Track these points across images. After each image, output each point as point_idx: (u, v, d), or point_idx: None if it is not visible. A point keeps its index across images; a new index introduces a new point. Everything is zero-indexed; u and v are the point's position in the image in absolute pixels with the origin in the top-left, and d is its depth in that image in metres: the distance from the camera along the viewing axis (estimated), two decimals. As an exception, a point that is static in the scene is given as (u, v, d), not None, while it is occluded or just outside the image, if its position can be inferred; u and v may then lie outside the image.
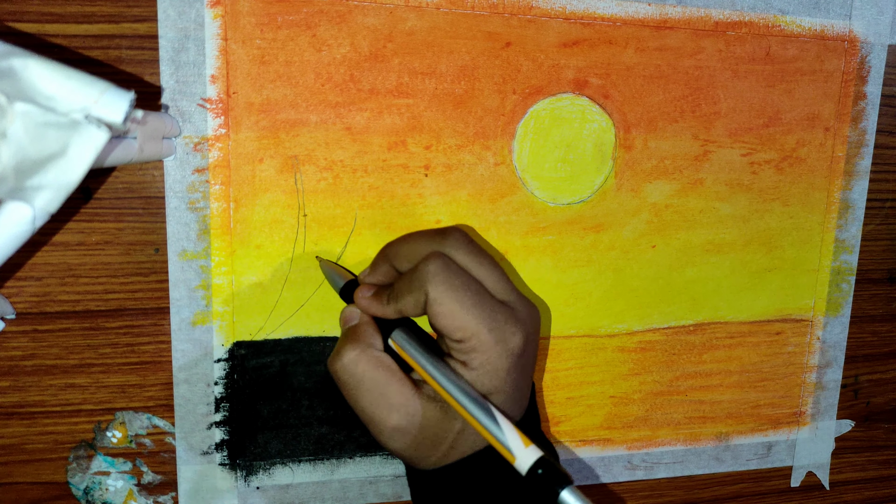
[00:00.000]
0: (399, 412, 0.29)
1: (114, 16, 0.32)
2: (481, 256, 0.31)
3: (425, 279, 0.29)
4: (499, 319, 0.29)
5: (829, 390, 0.46)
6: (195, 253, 0.34)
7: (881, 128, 0.43)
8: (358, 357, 0.30)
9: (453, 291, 0.29)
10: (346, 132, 0.35)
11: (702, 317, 0.42)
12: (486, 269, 0.30)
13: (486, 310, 0.29)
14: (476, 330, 0.29)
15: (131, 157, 0.28)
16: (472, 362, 0.29)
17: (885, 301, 0.46)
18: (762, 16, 0.39)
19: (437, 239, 0.31)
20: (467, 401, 0.28)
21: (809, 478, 0.47)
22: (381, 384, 0.30)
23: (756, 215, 0.42)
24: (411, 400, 0.30)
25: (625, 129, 0.38)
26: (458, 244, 0.30)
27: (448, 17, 0.35)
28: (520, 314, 0.30)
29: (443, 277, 0.29)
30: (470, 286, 0.29)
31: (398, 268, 0.32)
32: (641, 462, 0.43)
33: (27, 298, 0.33)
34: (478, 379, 0.29)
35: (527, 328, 0.30)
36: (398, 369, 0.30)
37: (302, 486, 0.38)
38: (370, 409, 0.30)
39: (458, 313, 0.28)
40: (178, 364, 0.35)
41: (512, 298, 0.31)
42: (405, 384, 0.30)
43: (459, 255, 0.30)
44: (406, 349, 0.30)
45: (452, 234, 0.31)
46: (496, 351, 0.29)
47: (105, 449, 0.36)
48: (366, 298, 0.32)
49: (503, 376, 0.29)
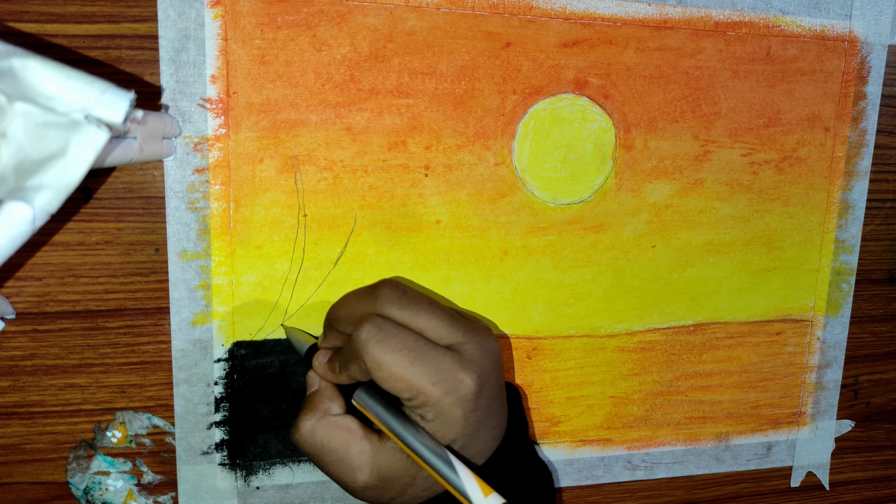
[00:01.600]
0: (363, 471, 0.30)
1: (114, 16, 0.32)
2: (417, 305, 0.30)
3: (359, 347, 0.29)
4: (443, 369, 0.29)
5: (829, 390, 0.46)
6: (195, 253, 0.34)
7: (881, 128, 0.43)
8: (314, 426, 0.30)
9: (389, 354, 0.28)
10: (346, 132, 0.35)
11: (702, 317, 0.42)
12: (425, 317, 0.30)
13: (427, 363, 0.28)
14: (420, 386, 0.28)
15: (131, 157, 0.28)
16: (426, 415, 0.29)
17: (885, 301, 0.46)
18: (762, 16, 0.39)
19: (368, 298, 0.30)
20: (428, 454, 0.29)
21: (809, 478, 0.47)
22: (341, 449, 0.30)
23: (756, 215, 0.42)
24: (374, 456, 0.30)
25: (625, 130, 0.38)
26: (389, 299, 0.30)
27: (448, 17, 0.35)
28: (468, 355, 0.30)
29: (375, 342, 0.28)
30: (406, 343, 0.29)
31: (342, 332, 0.32)
32: (641, 462, 0.43)
33: (27, 298, 0.33)
34: (437, 430, 0.29)
35: (479, 368, 0.30)
36: (357, 428, 0.31)
37: (302, 486, 0.38)
38: (336, 473, 0.30)
39: (399, 374, 0.28)
40: (178, 364, 0.35)
41: (458, 339, 0.30)
42: (366, 442, 0.30)
43: (394, 311, 0.30)
44: (368, 408, 0.31)
45: (382, 291, 0.30)
46: (447, 402, 0.29)
47: (105, 449, 0.36)
48: (322, 366, 0.32)
49: (461, 423, 0.29)
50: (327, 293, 0.36)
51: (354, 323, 0.30)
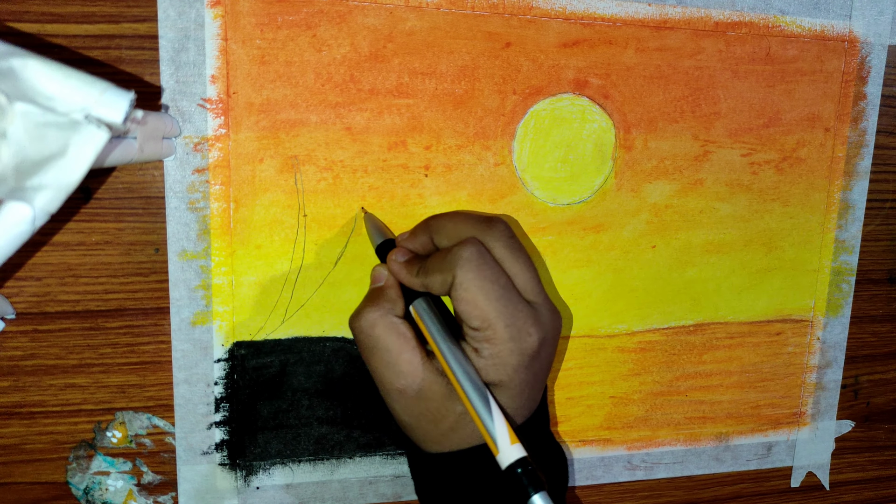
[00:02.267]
0: (407, 378, 0.30)
1: (114, 16, 0.32)
2: (518, 252, 0.31)
3: (456, 262, 0.29)
4: (518, 317, 0.29)
5: (829, 390, 0.45)
6: (195, 253, 0.34)
7: (881, 128, 0.43)
8: (375, 320, 0.31)
9: (480, 280, 0.29)
10: (346, 132, 0.35)
11: (702, 317, 0.42)
12: (520, 266, 0.31)
13: (508, 305, 0.29)
14: (493, 322, 0.29)
15: (131, 157, 0.28)
16: (483, 351, 0.30)
17: (885, 301, 0.46)
18: (762, 16, 0.39)
19: (480, 226, 0.31)
20: (469, 385, 0.29)
21: (809, 478, 0.47)
22: (393, 350, 0.30)
23: (756, 215, 0.42)
24: (419, 370, 0.30)
25: (625, 130, 0.38)
26: (499, 235, 0.31)
27: (448, 17, 0.35)
28: (542, 317, 0.31)
29: (474, 265, 0.29)
30: (499, 279, 0.30)
31: (437, 242, 0.32)
32: (641, 462, 0.43)
33: (27, 298, 0.33)
34: (485, 368, 0.30)
35: (545, 331, 0.30)
36: (412, 337, 0.31)
37: (302, 486, 0.38)
38: (380, 369, 0.31)
39: (480, 302, 0.29)
40: (178, 364, 0.35)
41: (539, 300, 0.31)
42: (416, 354, 0.30)
43: (497, 247, 0.31)
44: (424, 321, 0.31)
45: (496, 225, 0.31)
46: (508, 347, 0.29)
47: (105, 449, 0.36)
48: (397, 263, 0.32)
49: (510, 372, 0.30)
50: (327, 293, 0.36)
51: (456, 240, 0.31)
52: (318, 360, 0.37)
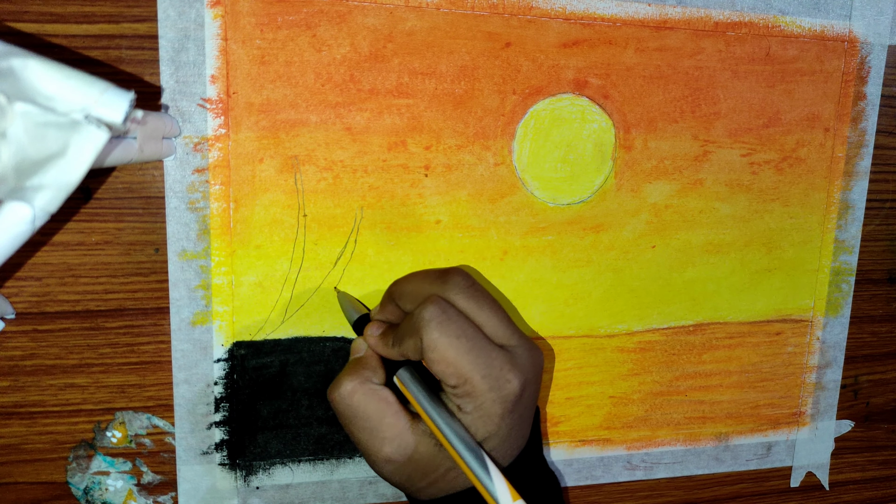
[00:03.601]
0: (391, 444, 0.30)
1: (114, 16, 0.32)
2: (482, 300, 0.31)
3: (420, 325, 0.29)
4: (494, 366, 0.29)
5: (829, 390, 0.46)
6: (195, 253, 0.34)
7: (881, 128, 0.43)
8: (354, 388, 0.31)
9: (447, 338, 0.29)
10: (346, 132, 0.35)
11: (701, 317, 0.42)
12: (487, 313, 0.30)
13: (481, 356, 0.29)
14: (469, 376, 0.29)
15: (131, 157, 0.28)
16: (465, 407, 0.29)
17: (885, 301, 0.46)
18: (762, 16, 0.39)
19: (437, 281, 0.31)
20: (461, 447, 0.29)
21: (809, 478, 0.47)
22: (375, 417, 0.30)
23: (756, 215, 0.42)
24: (404, 433, 0.30)
25: (625, 130, 0.38)
26: (458, 287, 0.31)
27: (448, 17, 0.35)
28: (518, 359, 0.30)
29: (437, 323, 0.29)
30: (466, 332, 0.29)
31: (402, 308, 0.32)
32: (641, 462, 0.43)
33: (27, 298, 0.33)
34: (472, 424, 0.30)
35: (524, 374, 0.30)
36: (394, 402, 0.31)
37: (302, 486, 0.38)
38: (364, 439, 0.31)
39: (452, 359, 0.29)
40: (177, 364, 0.35)
41: (513, 343, 0.31)
42: (399, 417, 0.30)
43: (459, 299, 0.30)
44: (409, 389, 0.31)
45: (453, 278, 0.31)
46: (489, 397, 0.29)
47: (105, 449, 0.36)
48: (373, 337, 0.32)
49: (497, 422, 0.30)
50: (327, 293, 0.36)
51: (418, 301, 0.31)
52: (318, 360, 0.37)
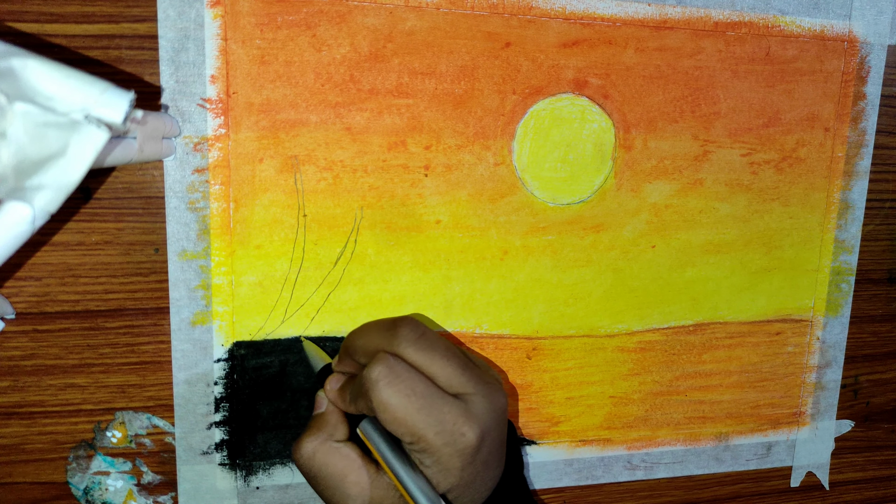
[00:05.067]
0: (355, 501, 0.30)
1: (114, 16, 0.32)
2: (432, 350, 0.30)
3: (368, 386, 0.29)
4: (447, 421, 0.29)
5: (829, 390, 0.46)
6: (195, 253, 0.34)
7: (881, 128, 0.43)
8: (315, 448, 0.31)
9: (397, 398, 0.28)
10: (346, 132, 0.35)
11: (701, 317, 0.42)
12: (439, 363, 0.30)
13: (432, 413, 0.29)
14: (422, 434, 0.28)
15: (131, 157, 0.28)
16: (425, 461, 0.29)
17: (885, 301, 0.46)
18: (762, 16, 0.39)
19: (386, 335, 0.30)
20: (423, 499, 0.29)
21: (809, 478, 0.47)
22: (338, 475, 0.30)
23: (756, 215, 0.42)
24: (367, 489, 0.30)
25: (625, 130, 0.38)
26: (407, 340, 0.30)
27: (448, 17, 0.35)
28: (474, 408, 0.30)
29: (385, 383, 0.28)
30: (416, 389, 0.29)
31: (357, 362, 0.32)
32: (641, 462, 0.43)
33: (27, 298, 0.33)
34: (433, 476, 0.29)
35: (482, 422, 0.30)
36: (357, 458, 0.31)
37: (302, 486, 0.38)
38: (329, 497, 0.31)
39: (402, 419, 0.28)
40: (177, 364, 0.35)
41: (468, 390, 0.30)
42: (362, 474, 0.30)
43: (410, 352, 0.30)
44: (372, 442, 0.31)
45: (401, 330, 0.30)
46: (446, 452, 0.29)
47: (105, 449, 0.36)
48: (332, 392, 0.32)
49: (457, 474, 0.29)
50: (327, 293, 0.36)
51: (369, 356, 0.30)
52: (318, 360, 0.37)
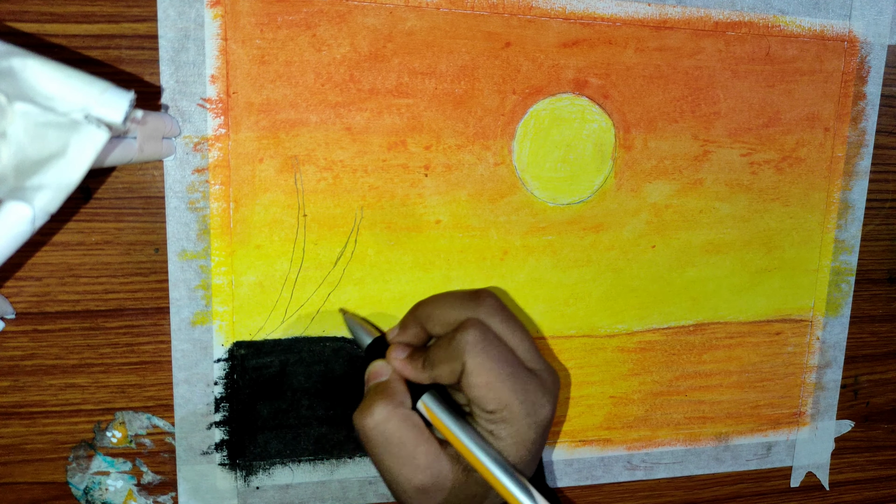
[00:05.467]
0: (425, 473, 0.29)
1: (114, 16, 0.32)
2: (514, 324, 0.30)
3: (463, 349, 0.28)
4: (530, 391, 0.29)
5: (829, 390, 0.46)
6: (195, 253, 0.34)
7: (881, 128, 0.43)
8: (389, 414, 0.29)
9: (491, 363, 0.28)
10: (346, 132, 0.35)
11: (702, 317, 0.42)
12: (519, 337, 0.30)
13: (519, 381, 0.29)
14: (510, 402, 0.28)
15: (131, 157, 0.28)
16: (499, 433, 0.29)
17: (885, 301, 0.46)
18: (762, 16, 0.39)
19: (470, 305, 0.30)
20: (500, 472, 0.28)
21: (809, 478, 0.47)
22: (411, 444, 0.29)
23: (756, 215, 0.42)
24: (439, 461, 0.29)
25: (625, 130, 0.38)
26: (492, 311, 0.30)
27: (448, 17, 0.35)
28: (547, 383, 0.30)
29: (481, 348, 0.28)
30: (506, 357, 0.29)
31: (430, 331, 0.32)
32: (641, 462, 0.43)
33: (27, 298, 0.33)
34: (505, 449, 0.29)
35: (553, 397, 0.30)
36: (426, 429, 0.30)
37: (302, 486, 0.38)
38: (396, 467, 0.29)
39: (494, 385, 0.28)
40: (177, 364, 0.35)
41: (540, 367, 0.30)
42: (433, 445, 0.30)
43: (494, 323, 0.30)
44: (438, 415, 0.30)
45: (487, 300, 0.30)
46: (526, 423, 0.29)
47: (105, 449, 0.36)
48: (399, 360, 0.31)
49: (530, 447, 0.29)
50: (327, 293, 0.36)
51: (449, 325, 0.30)
52: (318, 360, 0.37)
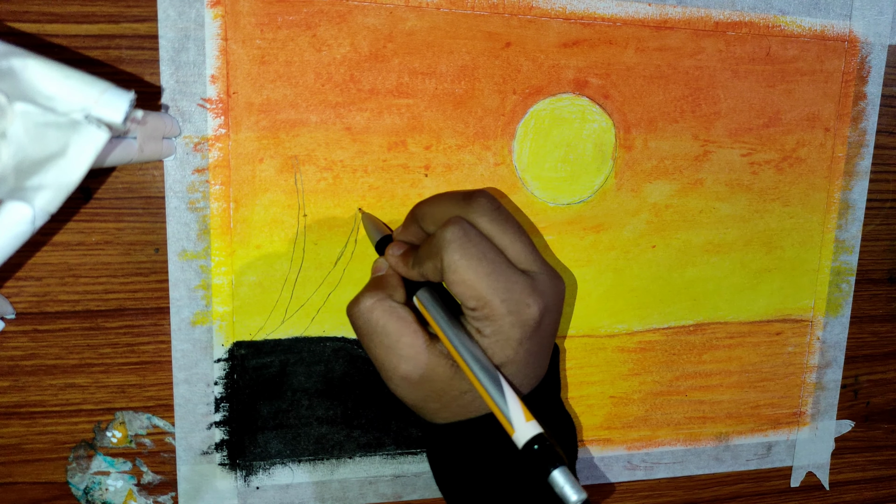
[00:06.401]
0: (408, 363, 0.30)
1: (114, 16, 0.32)
2: (506, 224, 0.30)
3: (441, 246, 0.29)
4: (514, 289, 0.29)
5: (829, 390, 0.46)
6: (195, 253, 0.34)
7: (881, 128, 0.43)
8: (374, 305, 0.30)
9: (468, 260, 0.28)
10: (346, 132, 0.35)
11: (702, 317, 0.42)
12: (510, 236, 0.30)
13: (500, 279, 0.29)
14: (489, 299, 0.29)
15: (131, 157, 0.28)
16: (484, 330, 0.29)
17: (885, 301, 0.46)
18: (762, 16, 0.39)
19: (461, 203, 0.31)
20: (477, 368, 0.29)
21: (809, 478, 0.47)
22: (393, 333, 0.30)
23: (756, 215, 0.42)
24: (421, 353, 0.30)
25: (625, 130, 0.38)
26: (482, 210, 0.30)
27: (448, 17, 0.35)
28: (540, 285, 0.30)
29: (458, 244, 0.29)
30: (487, 254, 0.29)
31: (424, 229, 0.32)
32: (641, 462, 0.43)
33: (27, 298, 0.33)
34: (490, 347, 0.29)
35: (545, 300, 0.30)
36: (413, 321, 0.31)
37: (302, 486, 0.38)
38: (381, 355, 0.31)
39: (471, 281, 0.28)
40: (177, 364, 0.35)
41: (535, 269, 0.30)
42: (418, 337, 0.30)
43: (483, 222, 0.30)
44: (428, 310, 0.31)
45: (478, 199, 0.31)
46: (509, 321, 0.29)
47: (105, 449, 0.36)
48: (394, 257, 0.32)
49: (515, 347, 0.29)
50: (327, 293, 0.36)
51: (440, 223, 0.30)
52: (318, 360, 0.37)
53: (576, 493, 0.26)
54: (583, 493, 0.26)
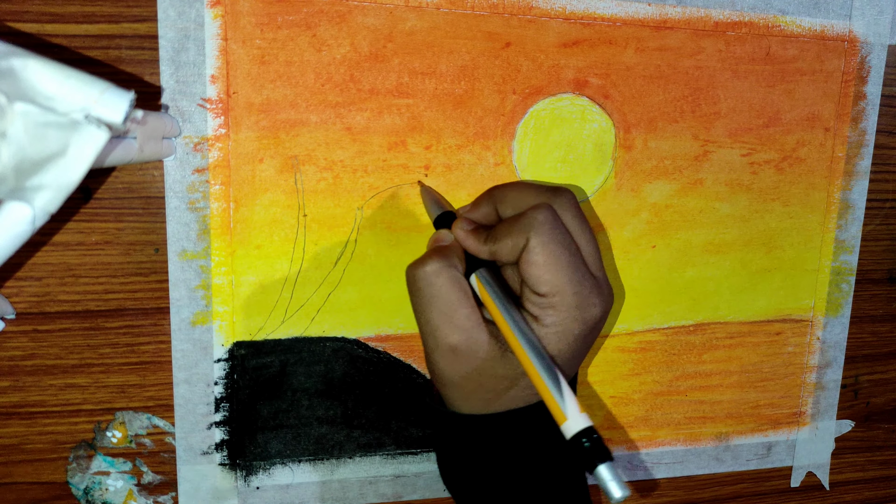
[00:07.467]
0: (461, 334, 0.30)
1: (114, 16, 0.32)
2: (585, 224, 0.31)
3: (531, 225, 0.29)
4: (585, 286, 0.30)
5: (829, 390, 0.46)
6: (195, 253, 0.34)
7: (881, 128, 0.43)
8: (440, 270, 0.30)
9: (554, 245, 0.29)
10: (346, 132, 0.35)
11: (702, 317, 0.42)
12: (586, 237, 0.31)
13: (576, 273, 0.29)
14: (563, 288, 0.29)
15: (131, 157, 0.28)
16: (545, 319, 0.29)
17: (885, 301, 0.46)
18: (762, 16, 0.39)
19: (548, 194, 0.31)
20: (533, 354, 0.29)
21: (809, 478, 0.47)
22: (454, 302, 0.30)
23: (756, 215, 0.42)
24: (475, 327, 0.30)
25: (625, 130, 0.38)
26: (568, 204, 0.31)
27: (448, 17, 0.35)
28: (604, 290, 0.31)
29: (548, 228, 0.29)
30: (570, 246, 0.30)
31: (501, 212, 0.32)
32: (641, 462, 0.43)
33: (27, 298, 0.33)
34: (546, 336, 0.30)
35: (606, 304, 0.31)
36: (472, 297, 0.31)
37: (302, 486, 0.38)
38: (436, 320, 0.30)
39: (552, 267, 0.29)
40: (177, 364, 0.35)
41: (600, 275, 0.31)
42: (475, 311, 0.30)
43: (567, 216, 0.31)
44: (487, 290, 0.31)
45: (564, 195, 0.31)
46: (573, 315, 0.29)
47: (105, 449, 0.36)
48: (464, 231, 0.32)
49: (570, 341, 0.30)
50: (327, 293, 0.36)
51: (522, 208, 0.31)
52: (318, 360, 0.37)
53: (621, 489, 0.26)
54: (627, 490, 0.26)
